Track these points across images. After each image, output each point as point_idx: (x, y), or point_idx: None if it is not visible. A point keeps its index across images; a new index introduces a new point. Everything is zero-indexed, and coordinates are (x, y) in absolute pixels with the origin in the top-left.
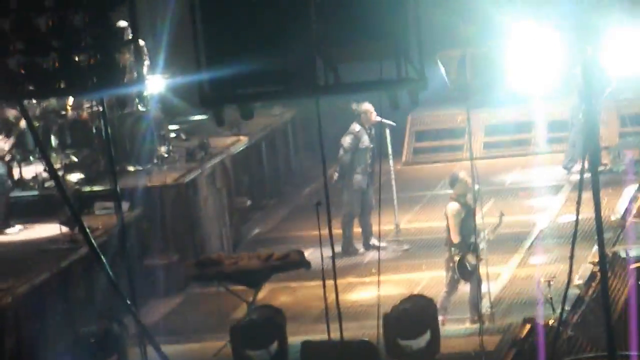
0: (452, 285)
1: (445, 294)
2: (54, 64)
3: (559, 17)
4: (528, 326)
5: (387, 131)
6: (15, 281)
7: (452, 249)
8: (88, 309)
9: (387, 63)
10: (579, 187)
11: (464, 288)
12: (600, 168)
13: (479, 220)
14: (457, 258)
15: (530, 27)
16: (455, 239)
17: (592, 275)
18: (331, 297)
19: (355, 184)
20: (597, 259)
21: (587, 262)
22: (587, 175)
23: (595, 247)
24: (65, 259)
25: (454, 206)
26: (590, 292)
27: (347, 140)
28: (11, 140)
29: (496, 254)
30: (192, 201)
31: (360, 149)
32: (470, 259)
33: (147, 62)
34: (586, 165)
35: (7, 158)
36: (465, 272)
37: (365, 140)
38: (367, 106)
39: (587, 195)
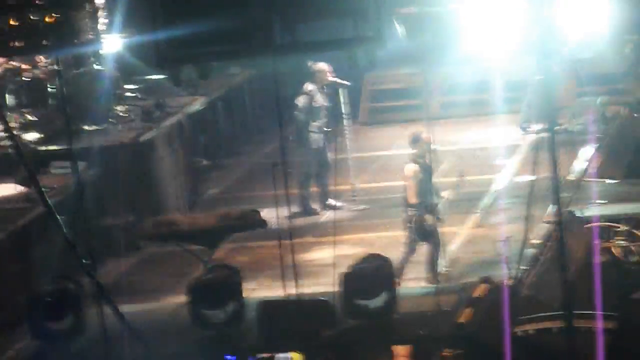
0: (411, 246)
1: (403, 255)
2: (10, 22)
3: None
4: (484, 285)
5: (342, 91)
6: None
7: (410, 209)
8: (44, 268)
9: (345, 22)
10: (536, 146)
11: (422, 248)
12: (557, 128)
13: (437, 180)
14: (415, 219)
15: None
16: (413, 199)
17: (548, 235)
18: (288, 256)
19: (312, 143)
20: (553, 219)
21: (543, 221)
22: (543, 134)
23: (552, 207)
24: (21, 218)
25: (412, 167)
26: (547, 251)
27: (300, 100)
28: None
29: (453, 214)
30: (149, 161)
31: (314, 108)
32: (429, 219)
33: (103, 21)
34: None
35: None
36: (423, 232)
37: (319, 99)
38: (321, 65)
39: (544, 155)
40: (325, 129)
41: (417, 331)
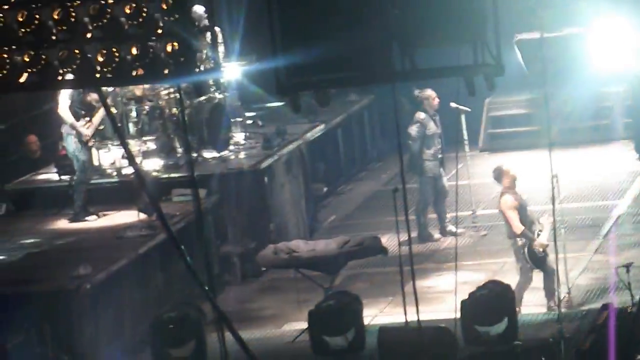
0: (526, 275)
1: (519, 284)
2: (131, 51)
3: (634, 4)
4: (606, 312)
5: (463, 117)
6: (94, 268)
7: (519, 239)
8: (165, 295)
9: (464, 48)
10: None
11: (538, 276)
12: None
13: (557, 207)
14: (525, 248)
15: (608, 11)
16: (518, 229)
17: None
18: (408, 283)
19: (427, 171)
20: None
21: None
22: None
23: None
24: (143, 246)
25: (507, 198)
26: None
27: (413, 129)
28: (94, 125)
29: (574, 240)
30: (269, 188)
31: (427, 136)
32: (538, 245)
33: (222, 49)
34: None
35: (91, 143)
36: (536, 259)
37: (432, 127)
38: (429, 92)
39: None
40: (440, 156)
41: (539, 358)
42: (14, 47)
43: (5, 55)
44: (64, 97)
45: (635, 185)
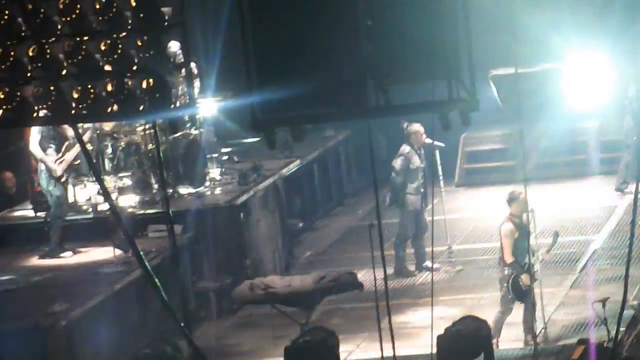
0: (506, 306)
1: (499, 315)
2: (107, 87)
3: (610, 41)
4: (582, 347)
5: (437, 152)
6: (69, 305)
7: (506, 269)
8: (142, 331)
9: (438, 83)
10: (634, 207)
11: (518, 309)
12: None
13: (532, 241)
14: (511, 278)
15: (583, 47)
16: (509, 259)
17: None
18: (384, 318)
19: (409, 205)
20: None
21: None
22: None
23: None
24: (119, 282)
25: (508, 226)
26: None
27: (398, 163)
28: (67, 160)
29: (550, 275)
30: (245, 223)
31: (411, 170)
32: (525, 279)
33: (198, 85)
34: None
35: (64, 179)
36: (519, 292)
37: (416, 161)
38: (416, 127)
39: None
40: (422, 190)
41: None
42: None
43: None
44: (34, 133)
45: (612, 220)
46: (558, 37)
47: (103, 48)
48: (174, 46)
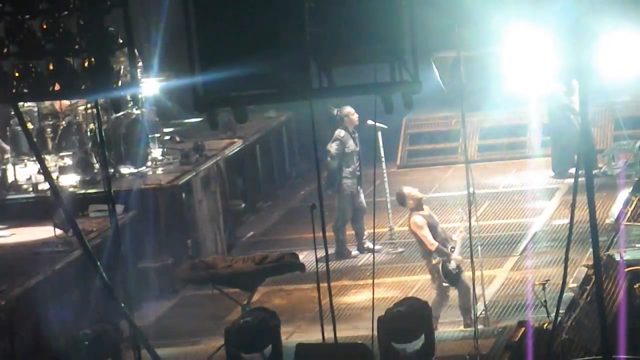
0: (443, 293)
1: (436, 303)
2: (49, 66)
3: (553, 19)
4: (523, 329)
5: (379, 134)
6: (9, 284)
7: (433, 257)
8: (82, 312)
9: (381, 66)
10: (574, 189)
11: (455, 293)
12: (595, 171)
13: (473, 223)
14: (440, 265)
15: (525, 30)
16: (432, 246)
17: (587, 278)
18: (325, 299)
19: (345, 189)
20: (591, 262)
21: (581, 265)
22: (581, 178)
23: (590, 250)
24: (59, 262)
25: (416, 219)
26: (585, 295)
27: (333, 147)
28: None
29: (490, 257)
30: (187, 204)
31: (346, 154)
32: (452, 264)
33: (140, 64)
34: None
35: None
36: (451, 276)
37: (351, 144)
38: (348, 109)
39: (582, 198)
40: (358, 173)
41: None
42: None
43: None
44: None
45: (552, 203)
46: (500, 21)
47: (45, 27)
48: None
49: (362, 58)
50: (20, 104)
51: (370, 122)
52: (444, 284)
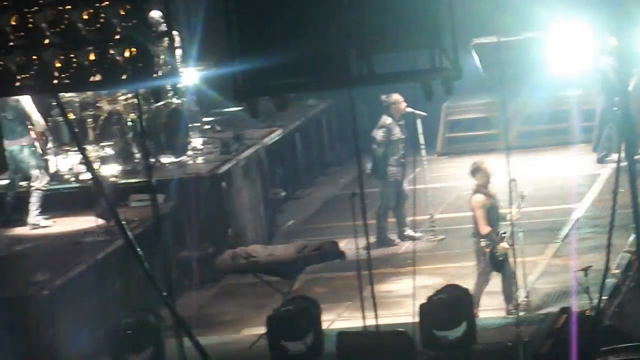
0: (484, 277)
1: (477, 286)
2: (89, 57)
3: (591, 9)
4: (565, 316)
5: (419, 121)
6: (52, 274)
7: (482, 240)
8: (124, 301)
9: (421, 53)
10: (616, 175)
11: (496, 278)
12: (637, 157)
13: (507, 210)
14: (487, 249)
15: (565, 18)
16: (484, 230)
17: (630, 264)
18: (366, 287)
19: (390, 176)
20: (634, 248)
21: (623, 251)
22: (623, 163)
23: (632, 236)
24: (101, 252)
25: (478, 197)
26: (628, 281)
27: (379, 134)
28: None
29: (533, 243)
30: (227, 192)
31: (392, 141)
32: (501, 248)
33: (180, 54)
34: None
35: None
36: (496, 262)
37: (397, 132)
38: (396, 97)
39: (624, 184)
40: (402, 161)
41: None
42: None
43: None
44: (30, 103)
45: (594, 189)
46: (540, 6)
47: (85, 17)
48: (156, 15)
49: (401, 45)
50: (61, 94)
51: (409, 109)
52: (487, 269)
